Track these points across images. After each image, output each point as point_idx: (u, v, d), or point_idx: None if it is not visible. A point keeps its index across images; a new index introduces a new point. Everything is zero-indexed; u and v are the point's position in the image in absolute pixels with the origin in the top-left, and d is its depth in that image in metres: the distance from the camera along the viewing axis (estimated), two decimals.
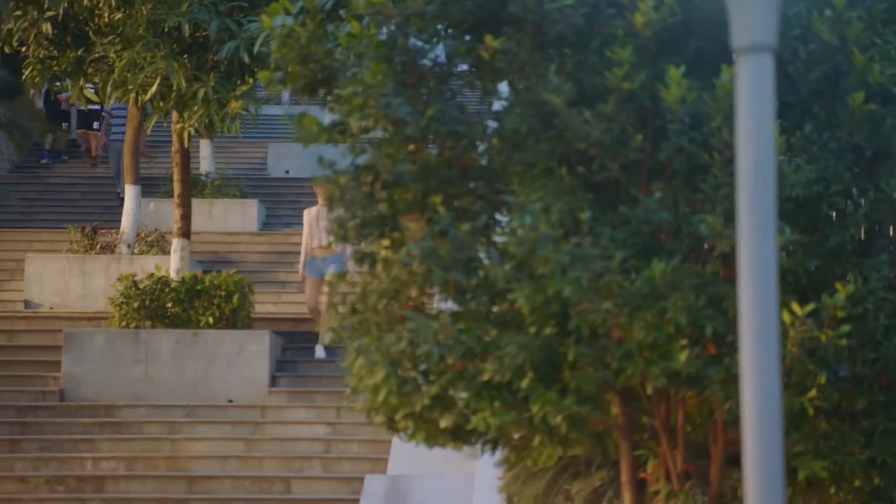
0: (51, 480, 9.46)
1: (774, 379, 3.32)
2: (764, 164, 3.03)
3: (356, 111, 6.60)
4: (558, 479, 8.00)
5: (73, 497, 9.34)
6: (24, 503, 9.30)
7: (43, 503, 9.29)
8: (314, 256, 12.95)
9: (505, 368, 6.31)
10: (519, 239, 6.17)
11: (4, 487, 9.44)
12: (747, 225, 3.07)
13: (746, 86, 3.01)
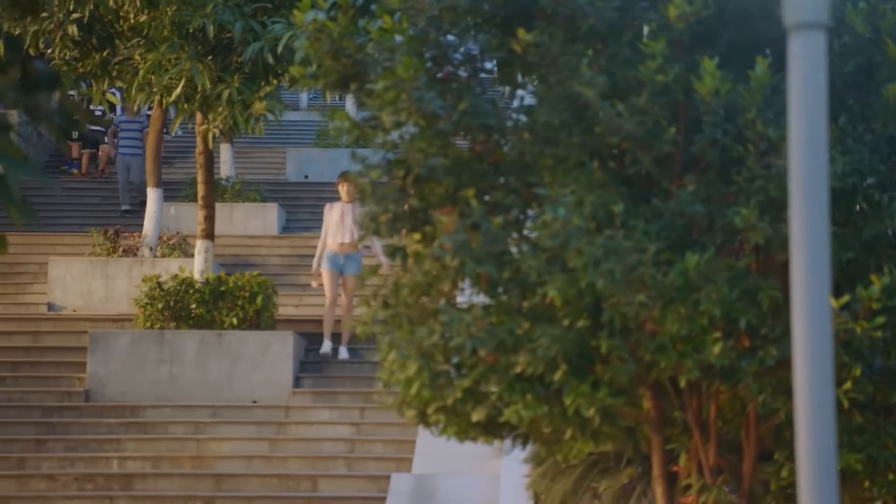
0: (79, 478, 9.50)
1: (828, 376, 3.28)
2: (816, 142, 3.03)
3: (388, 105, 6.62)
4: (587, 476, 8.00)
5: (101, 495, 9.37)
6: (53, 501, 9.33)
7: (72, 500, 9.32)
8: (335, 252, 12.88)
9: (538, 361, 6.32)
10: (552, 231, 6.18)
11: (34, 485, 9.48)
12: (799, 202, 3.07)
13: (798, 64, 3.02)
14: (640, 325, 6.34)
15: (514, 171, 6.71)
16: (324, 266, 12.87)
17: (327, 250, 12.91)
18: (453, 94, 6.62)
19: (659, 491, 6.85)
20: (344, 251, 12.85)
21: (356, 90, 7.05)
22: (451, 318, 6.38)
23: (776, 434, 6.68)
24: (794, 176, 3.08)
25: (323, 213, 13.19)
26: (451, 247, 6.37)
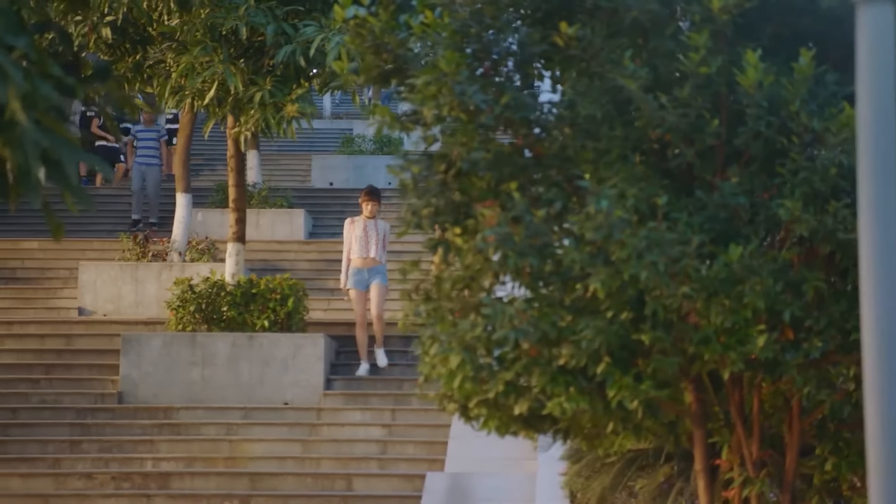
0: (116, 477, 9.54)
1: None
2: (884, 116, 3.04)
3: (430, 100, 6.65)
4: (626, 472, 8.00)
5: (138, 493, 9.41)
6: (91, 499, 9.38)
7: (109, 499, 9.37)
8: (358, 268, 12.84)
9: (581, 353, 6.33)
10: (595, 224, 6.19)
11: (71, 484, 9.52)
12: (867, 175, 3.08)
13: (866, 38, 3.03)
14: (683, 317, 6.34)
15: (555, 165, 6.73)
16: (350, 286, 12.84)
17: (352, 266, 12.86)
18: (495, 89, 6.65)
19: (701, 485, 6.84)
20: (368, 266, 12.82)
21: (397, 85, 7.08)
22: (494, 311, 6.40)
23: (819, 428, 6.67)
24: (863, 150, 3.09)
25: (343, 228, 13.17)
26: (494, 240, 6.39)
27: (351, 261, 12.80)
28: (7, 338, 13.72)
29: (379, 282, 12.80)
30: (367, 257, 12.76)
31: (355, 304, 12.77)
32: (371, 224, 12.97)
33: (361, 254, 12.79)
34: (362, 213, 13.06)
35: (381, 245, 12.89)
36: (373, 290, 12.78)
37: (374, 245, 12.83)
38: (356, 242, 12.83)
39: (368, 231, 12.84)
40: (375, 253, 12.79)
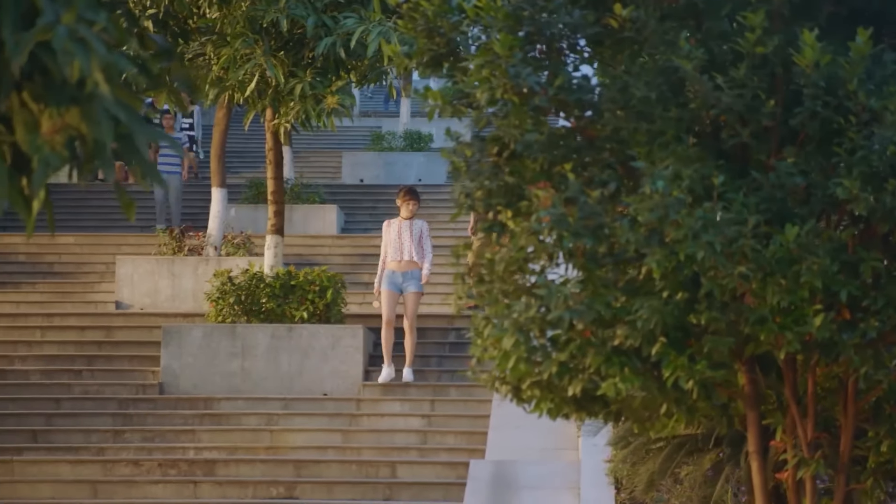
0: (163, 464, 9.60)
1: None
2: None
3: (483, 83, 6.68)
4: (674, 457, 8.00)
5: (185, 479, 9.46)
6: (139, 485, 9.44)
7: (157, 485, 9.43)
8: (393, 270, 12.58)
9: (636, 333, 6.34)
10: (651, 204, 6.21)
11: (119, 471, 9.58)
12: None
13: None
14: (738, 297, 6.36)
15: (608, 147, 6.75)
16: (383, 286, 12.57)
17: (386, 269, 12.62)
18: (548, 71, 6.67)
19: (755, 466, 6.85)
20: (402, 269, 12.56)
21: (449, 69, 7.11)
22: (549, 292, 6.42)
23: (875, 409, 6.66)
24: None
25: (382, 229, 12.95)
26: (549, 220, 6.42)
27: (386, 264, 12.62)
28: (48, 330, 13.82)
29: (414, 289, 12.56)
30: (401, 260, 12.52)
31: (384, 303, 12.54)
32: (406, 225, 12.72)
33: (395, 257, 12.57)
34: (400, 213, 12.88)
35: (416, 246, 12.65)
36: (407, 298, 12.55)
37: (407, 248, 12.57)
38: (391, 246, 12.63)
39: (402, 233, 12.63)
40: (409, 255, 12.55)
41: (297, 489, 9.57)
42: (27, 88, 4.27)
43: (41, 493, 9.38)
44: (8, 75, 4.06)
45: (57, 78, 4.25)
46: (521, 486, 9.46)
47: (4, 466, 9.53)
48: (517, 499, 9.28)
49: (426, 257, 12.62)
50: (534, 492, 9.35)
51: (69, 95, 4.28)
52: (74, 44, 3.90)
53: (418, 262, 12.54)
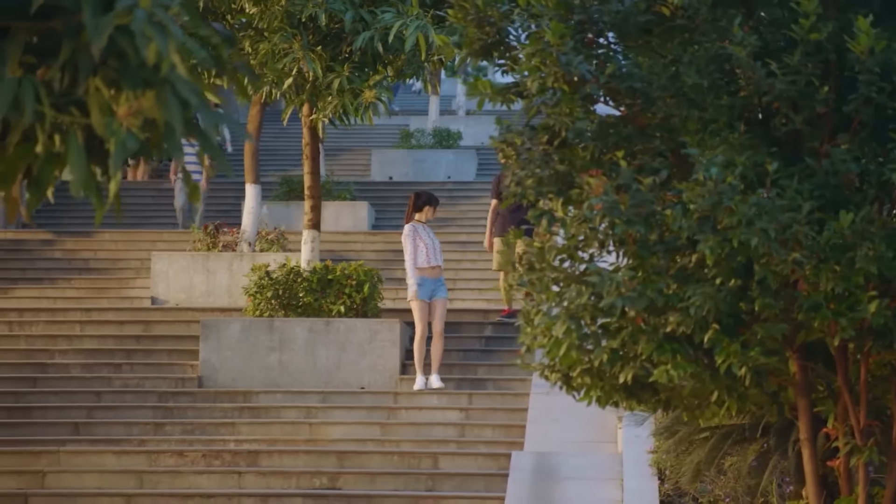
0: (207, 455, 9.66)
1: None
2: None
3: (534, 71, 6.71)
4: (720, 447, 8.00)
5: (229, 470, 9.52)
6: (183, 475, 9.51)
7: (201, 475, 9.49)
8: (426, 277, 12.17)
9: (689, 320, 6.36)
10: (704, 191, 6.23)
11: (163, 461, 9.65)
12: None
13: None
14: (791, 284, 6.37)
15: (659, 135, 6.77)
16: (419, 296, 12.14)
17: (422, 276, 12.14)
18: (599, 59, 6.69)
19: (806, 454, 6.86)
20: (436, 276, 12.21)
21: (498, 58, 7.14)
22: (601, 279, 6.45)
23: None
24: None
25: (406, 235, 12.29)
26: (601, 208, 6.44)
27: (422, 270, 12.15)
28: (87, 324, 13.90)
29: (444, 296, 12.27)
30: (436, 266, 12.18)
31: (420, 315, 12.16)
32: (430, 231, 12.45)
33: (432, 262, 12.16)
34: (424, 216, 12.39)
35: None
36: (438, 305, 12.21)
37: (439, 253, 12.31)
38: (427, 250, 12.16)
39: (434, 237, 12.33)
40: (440, 261, 12.28)
41: (340, 480, 9.61)
42: (101, 72, 4.31)
43: (87, 483, 9.44)
44: (87, 58, 4.11)
45: (133, 61, 4.28)
46: (563, 478, 9.47)
47: (51, 457, 9.61)
48: (560, 490, 9.30)
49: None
50: (576, 483, 9.37)
51: (142, 79, 4.32)
52: (152, 27, 3.94)
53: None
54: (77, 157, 4.19)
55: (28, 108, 4.05)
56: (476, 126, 27.84)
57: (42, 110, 4.09)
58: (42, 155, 4.31)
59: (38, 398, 12.18)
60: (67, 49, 4.04)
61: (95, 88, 4.29)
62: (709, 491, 8.71)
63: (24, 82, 4.07)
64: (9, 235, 17.71)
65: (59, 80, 4.15)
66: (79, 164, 4.22)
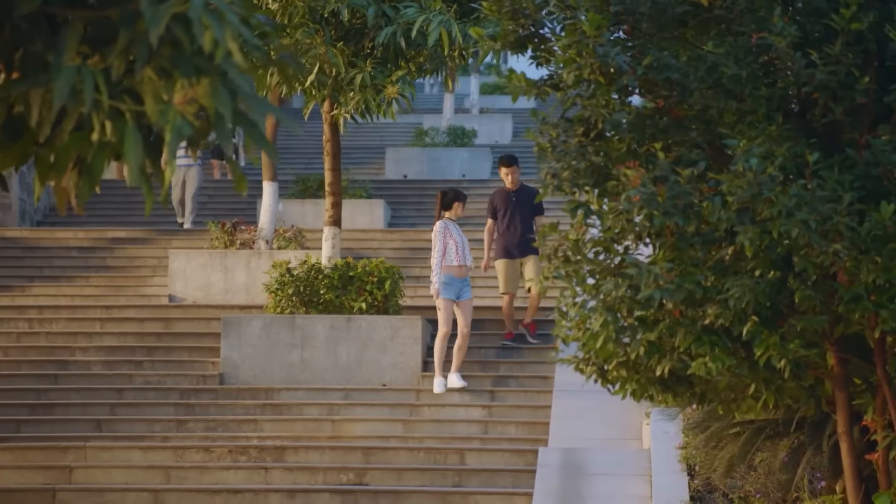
0: (233, 451, 9.64)
1: None
2: None
3: (570, 63, 6.68)
4: (754, 441, 7.95)
5: (256, 466, 9.49)
6: (210, 471, 9.48)
7: (228, 471, 9.46)
8: (454, 276, 11.90)
9: (728, 312, 6.33)
10: (744, 182, 6.19)
11: (190, 457, 9.62)
12: None
13: None
14: (831, 276, 6.33)
15: (695, 126, 6.73)
16: (443, 295, 11.88)
17: (447, 274, 11.86)
18: (635, 50, 6.66)
19: (844, 447, 6.82)
20: (463, 275, 11.96)
21: (533, 51, 7.11)
22: (639, 271, 6.41)
23: None
24: None
25: (437, 232, 12.06)
26: (639, 199, 6.41)
27: (450, 270, 11.89)
28: (107, 322, 13.88)
29: (469, 296, 12.07)
30: (464, 265, 11.93)
31: (445, 315, 11.87)
32: (458, 228, 12.20)
33: (461, 261, 11.92)
34: (453, 213, 12.15)
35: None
36: (465, 306, 11.97)
37: (469, 252, 12.09)
38: (456, 249, 11.93)
39: (463, 236, 12.10)
40: (468, 261, 12.05)
41: (367, 475, 9.59)
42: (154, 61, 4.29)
43: (114, 479, 9.43)
44: (144, 47, 4.08)
45: (187, 49, 4.26)
46: (590, 473, 9.43)
47: (77, 452, 9.60)
48: (588, 486, 9.26)
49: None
50: (604, 478, 9.34)
51: (195, 67, 4.29)
52: (209, 15, 3.92)
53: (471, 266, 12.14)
54: (134, 145, 4.17)
55: (87, 97, 4.02)
56: (489, 124, 27.82)
57: (100, 99, 4.06)
58: (96, 144, 4.29)
59: (59, 395, 12.17)
60: (124, 38, 4.01)
61: (149, 77, 4.27)
62: (739, 487, 8.67)
63: (83, 71, 4.05)
64: (25, 233, 17.70)
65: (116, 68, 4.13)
66: (135, 153, 4.20)
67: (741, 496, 8.60)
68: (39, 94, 4.29)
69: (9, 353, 13.15)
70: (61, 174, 4.47)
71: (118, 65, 4.22)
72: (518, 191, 12.72)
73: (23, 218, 18.67)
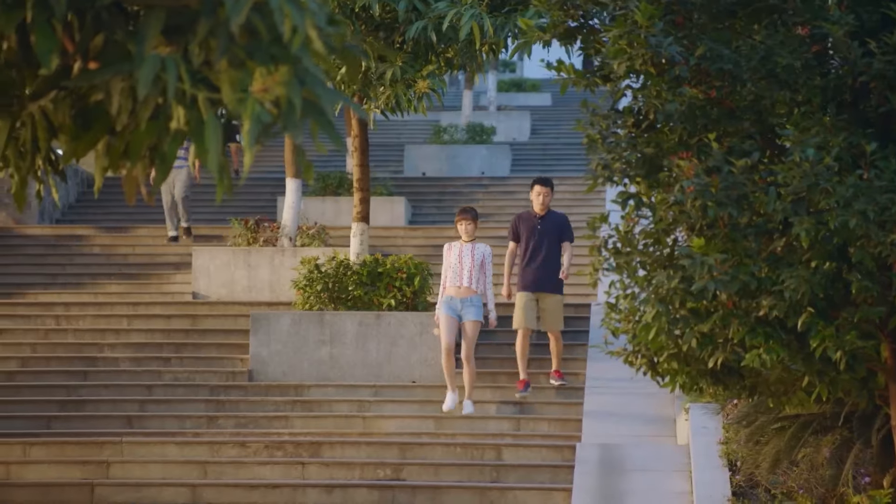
0: (269, 446, 9.60)
1: None
2: None
3: (621, 54, 6.63)
4: (800, 435, 7.89)
5: (292, 461, 9.46)
6: (247, 466, 9.44)
7: (265, 466, 9.42)
8: (451, 296, 11.48)
9: (783, 304, 6.28)
10: (800, 172, 6.14)
11: (226, 452, 9.59)
12: None
13: None
14: (888, 266, 6.27)
15: (748, 117, 6.68)
16: (441, 311, 11.50)
17: (445, 294, 11.54)
18: (689, 40, 6.61)
19: None
20: (461, 296, 11.44)
21: (582, 42, 7.06)
22: (693, 262, 6.36)
23: None
24: None
25: (443, 252, 11.82)
26: (693, 190, 6.36)
27: (445, 289, 11.55)
28: (134, 318, 13.85)
29: (472, 318, 11.46)
30: (460, 286, 11.46)
31: (443, 329, 11.46)
32: (467, 249, 11.58)
33: (454, 282, 11.50)
34: (460, 233, 11.72)
35: (476, 272, 11.50)
36: (466, 327, 11.47)
37: (467, 274, 11.46)
38: (450, 271, 11.57)
39: (463, 258, 11.53)
40: (469, 282, 11.45)
41: (404, 471, 9.54)
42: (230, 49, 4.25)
43: (151, 474, 9.39)
44: (224, 35, 4.04)
45: (264, 38, 4.22)
46: (629, 469, 9.38)
47: (113, 447, 9.56)
48: (627, 481, 9.21)
49: (487, 289, 11.56)
50: (643, 474, 9.28)
51: (271, 55, 4.25)
52: (289, 3, 3.89)
53: (477, 289, 11.49)
54: (214, 132, 4.13)
55: (171, 86, 3.99)
56: (507, 122, 27.75)
57: (182, 87, 4.02)
58: (172, 132, 4.25)
59: (89, 391, 12.13)
60: (204, 26, 3.98)
61: (225, 66, 4.23)
62: (782, 482, 8.60)
63: (166, 60, 4.01)
64: (46, 231, 17.68)
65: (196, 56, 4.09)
66: (215, 140, 4.16)
67: (784, 492, 8.53)
68: (120, 83, 4.25)
69: (37, 349, 13.12)
70: (136, 161, 4.43)
71: (198, 53, 4.18)
72: (545, 217, 11.78)
73: (42, 216, 18.64)
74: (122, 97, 4.41)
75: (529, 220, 11.81)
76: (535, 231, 11.70)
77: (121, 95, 4.40)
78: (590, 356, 12.84)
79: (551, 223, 11.72)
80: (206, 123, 4.29)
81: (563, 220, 11.82)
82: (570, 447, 9.93)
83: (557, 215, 11.86)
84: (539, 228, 11.70)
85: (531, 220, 11.79)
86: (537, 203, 11.76)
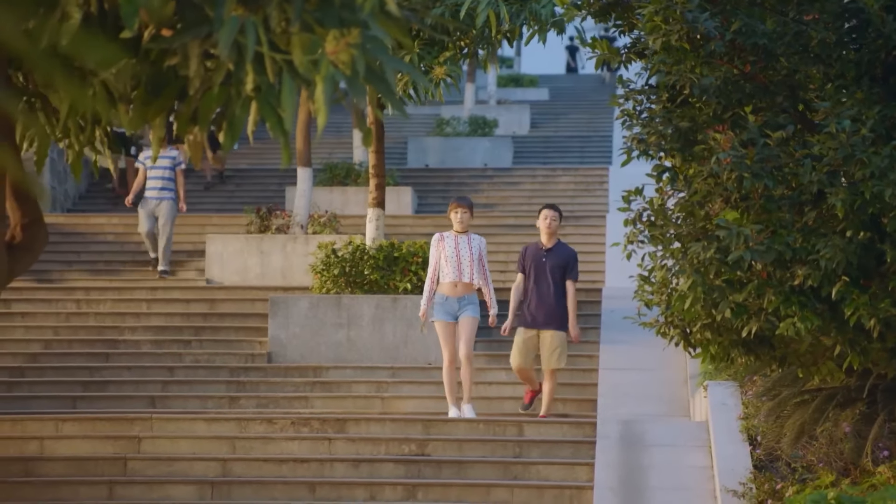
0: (296, 422, 9.76)
1: None
2: None
3: (656, 30, 6.79)
4: (824, 408, 8.05)
5: (319, 437, 9.61)
6: (275, 441, 9.60)
7: (293, 441, 9.58)
8: (446, 295, 10.59)
9: (818, 273, 6.44)
10: (836, 143, 6.31)
11: (253, 428, 9.74)
12: None
13: None
14: None
15: (782, 91, 6.85)
16: (437, 316, 10.60)
17: (439, 293, 10.61)
18: (724, 15, 6.77)
19: None
20: (458, 294, 10.55)
21: (616, 19, 7.23)
22: (729, 233, 6.53)
23: None
24: None
25: (431, 245, 10.89)
26: (730, 162, 6.53)
27: (438, 285, 10.62)
28: (153, 303, 14.01)
29: (469, 314, 10.62)
30: (458, 283, 10.56)
31: (444, 338, 10.59)
32: (463, 241, 10.70)
33: (452, 277, 10.55)
34: (452, 226, 10.84)
35: (475, 267, 10.69)
36: (462, 323, 10.60)
37: (467, 268, 10.60)
38: (447, 263, 10.58)
39: (461, 250, 10.62)
40: (470, 277, 10.60)
41: (429, 446, 9.70)
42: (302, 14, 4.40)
43: (182, 449, 9.54)
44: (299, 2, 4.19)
45: (336, 2, 4.37)
46: (650, 445, 9.54)
47: (144, 423, 9.71)
48: (648, 456, 9.37)
49: (488, 285, 10.81)
50: (664, 449, 9.45)
51: (340, 19, 4.41)
52: None
53: (476, 284, 10.65)
54: (291, 94, 4.29)
55: (249, 47, 4.14)
56: (508, 115, 27.92)
57: (260, 50, 4.18)
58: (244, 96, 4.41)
59: (112, 373, 12.28)
60: None
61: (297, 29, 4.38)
62: (801, 456, 8.76)
63: (246, 22, 4.16)
64: (60, 219, 17.79)
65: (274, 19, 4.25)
66: (292, 101, 4.32)
67: (804, 465, 8.69)
68: (197, 46, 4.40)
69: (59, 332, 13.26)
70: (205, 125, 4.58)
71: (276, 16, 4.34)
72: (551, 251, 10.87)
73: (54, 205, 18.75)
74: (197, 61, 4.56)
75: (535, 251, 10.95)
76: (540, 263, 10.87)
77: (197, 59, 4.55)
78: (602, 339, 13.01)
79: (558, 257, 10.85)
80: (284, 85, 4.45)
81: (570, 256, 10.90)
82: (591, 423, 10.09)
83: (565, 249, 10.96)
84: (543, 261, 10.84)
85: (538, 252, 10.92)
86: (544, 226, 10.86)
